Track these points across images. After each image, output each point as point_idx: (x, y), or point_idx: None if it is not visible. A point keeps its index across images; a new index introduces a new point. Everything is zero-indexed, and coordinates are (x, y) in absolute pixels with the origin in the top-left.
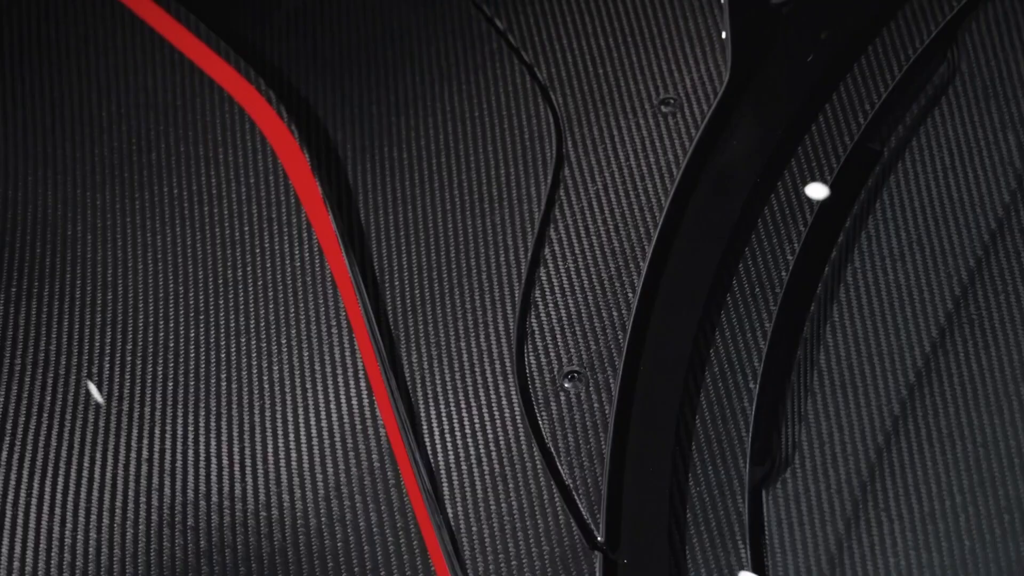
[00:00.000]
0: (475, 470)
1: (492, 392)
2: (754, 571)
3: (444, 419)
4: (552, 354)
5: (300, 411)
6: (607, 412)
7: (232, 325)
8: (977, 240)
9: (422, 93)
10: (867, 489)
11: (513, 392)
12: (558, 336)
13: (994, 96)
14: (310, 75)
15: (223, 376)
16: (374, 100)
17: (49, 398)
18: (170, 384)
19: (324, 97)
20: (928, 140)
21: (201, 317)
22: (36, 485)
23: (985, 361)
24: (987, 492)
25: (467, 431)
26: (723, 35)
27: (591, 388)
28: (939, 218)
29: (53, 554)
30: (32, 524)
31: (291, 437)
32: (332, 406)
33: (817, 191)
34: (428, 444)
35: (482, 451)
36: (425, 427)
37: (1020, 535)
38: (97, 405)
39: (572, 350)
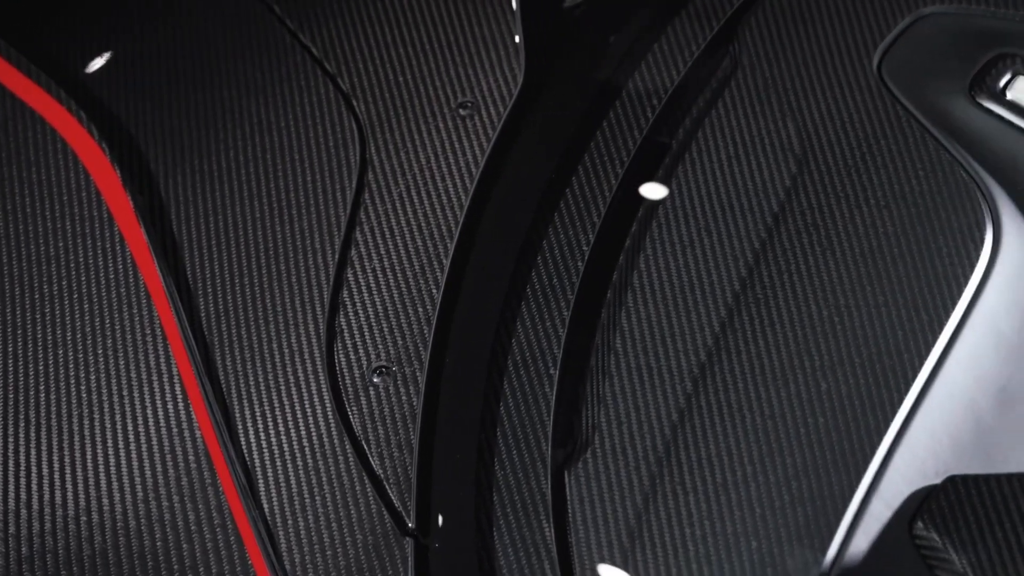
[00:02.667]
0: (289, 466)
1: (304, 390)
2: (558, 548)
3: (258, 418)
4: (361, 351)
5: (117, 417)
6: (415, 404)
7: (49, 338)
8: (761, 224)
9: (230, 106)
10: (663, 464)
11: (324, 389)
12: (366, 333)
13: (773, 87)
14: (120, 93)
15: (41, 388)
16: (183, 114)
17: None
18: None
19: (135, 114)
20: (713, 131)
21: (19, 332)
22: None
23: (771, 338)
24: (775, 461)
25: (280, 429)
26: (516, 39)
27: (399, 382)
28: (725, 204)
29: None
30: None
31: (109, 443)
32: (148, 411)
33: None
34: (243, 443)
35: (295, 447)
36: (240, 427)
37: (807, 501)
38: None
39: (380, 346)
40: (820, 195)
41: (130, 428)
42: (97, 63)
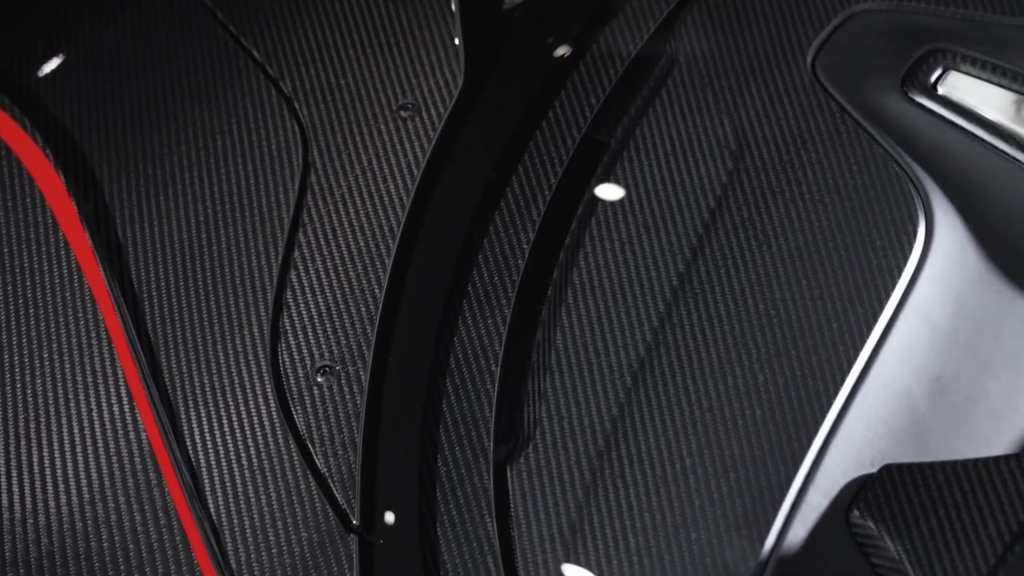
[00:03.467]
0: (234, 466)
1: (248, 390)
2: (501, 542)
3: (203, 419)
4: (304, 351)
5: (63, 420)
6: (358, 402)
7: None
8: (699, 220)
9: (174, 111)
10: (603, 458)
11: (268, 389)
12: (310, 334)
13: (710, 85)
14: (65, 99)
15: None
16: (127, 120)
17: None
18: None
19: (79, 120)
20: (651, 129)
21: None
22: None
23: (709, 332)
24: (714, 453)
25: (225, 429)
26: (456, 42)
27: (343, 381)
28: (663, 201)
29: None
30: None
31: (55, 446)
32: (94, 414)
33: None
34: (189, 444)
35: (240, 447)
36: (185, 428)
37: (745, 491)
38: None
39: (324, 346)
40: (756, 191)
41: (76, 431)
42: (41, 70)
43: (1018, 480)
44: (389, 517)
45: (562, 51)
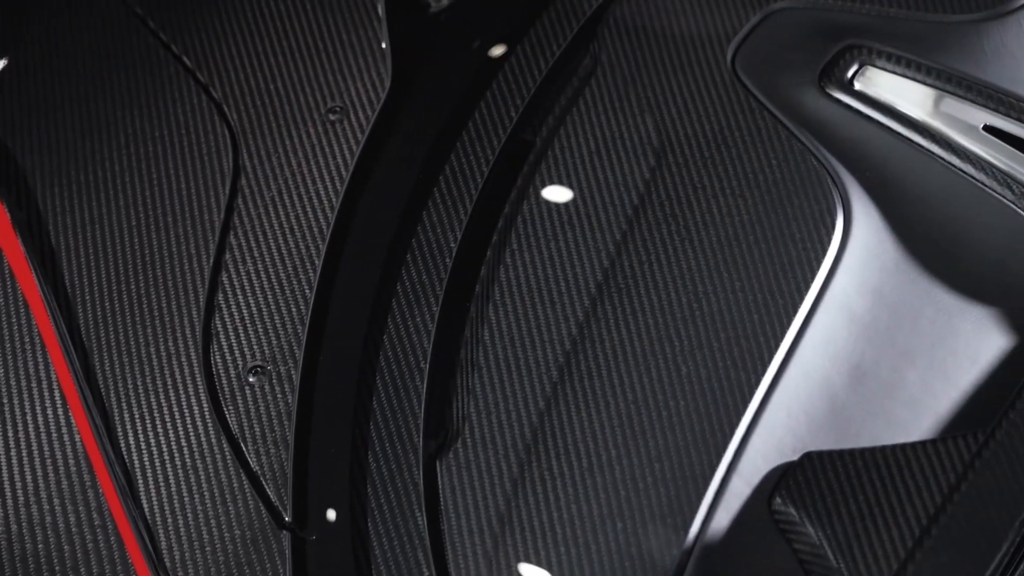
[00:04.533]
0: (168, 466)
1: (181, 392)
2: (431, 535)
3: (137, 421)
4: (236, 352)
5: None
6: (290, 401)
7: None
8: (622, 216)
9: (106, 118)
10: (531, 451)
11: (201, 390)
12: (241, 334)
13: (632, 84)
14: None
15: None
16: (60, 127)
17: None
18: None
19: (11, 127)
20: (575, 127)
21: None
22: None
23: (633, 326)
24: (639, 444)
25: (159, 430)
26: (383, 45)
27: (274, 380)
28: (587, 198)
29: None
30: None
31: None
32: (28, 417)
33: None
34: (123, 445)
35: (174, 447)
36: (119, 430)
37: (669, 481)
38: None
39: (255, 346)
40: (678, 186)
41: (10, 434)
42: None
43: (934, 464)
44: (331, 514)
45: (498, 51)
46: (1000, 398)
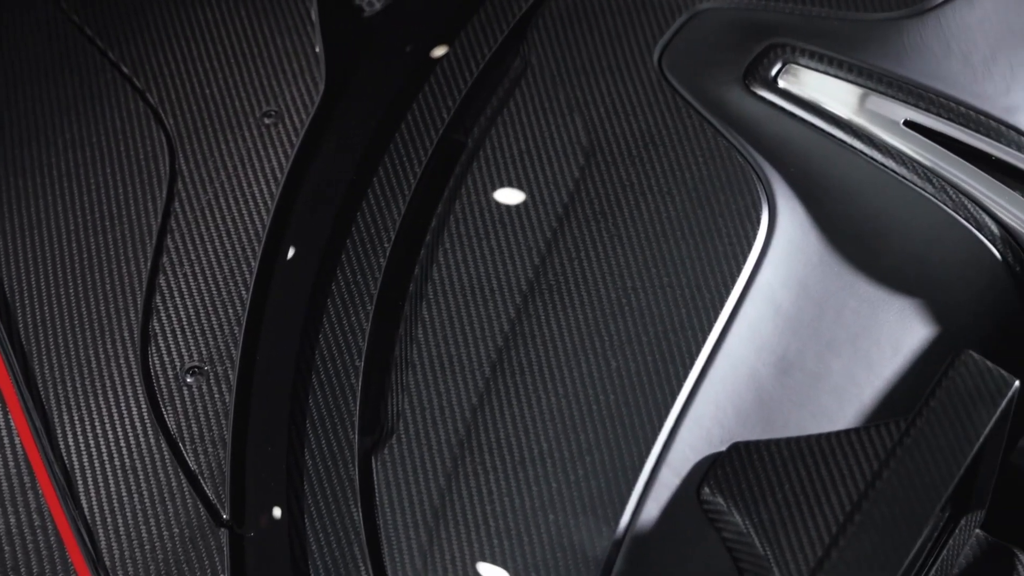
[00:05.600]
0: (107, 466)
1: (120, 393)
2: (366, 529)
3: (76, 422)
4: (174, 353)
5: None
6: (227, 401)
7: None
8: (553, 214)
9: (43, 125)
10: (464, 446)
11: (140, 391)
12: (179, 336)
13: (561, 85)
14: None
15: None
16: None
17: None
18: None
19: None
20: (506, 128)
21: None
22: None
23: (563, 321)
24: (570, 438)
25: (98, 431)
26: (317, 49)
27: (212, 380)
28: (519, 197)
29: None
30: None
31: None
32: None
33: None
34: (62, 446)
35: (113, 448)
36: (59, 431)
37: (600, 473)
38: None
39: (193, 347)
40: (607, 184)
41: None
42: None
43: (858, 452)
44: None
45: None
46: (922, 386)
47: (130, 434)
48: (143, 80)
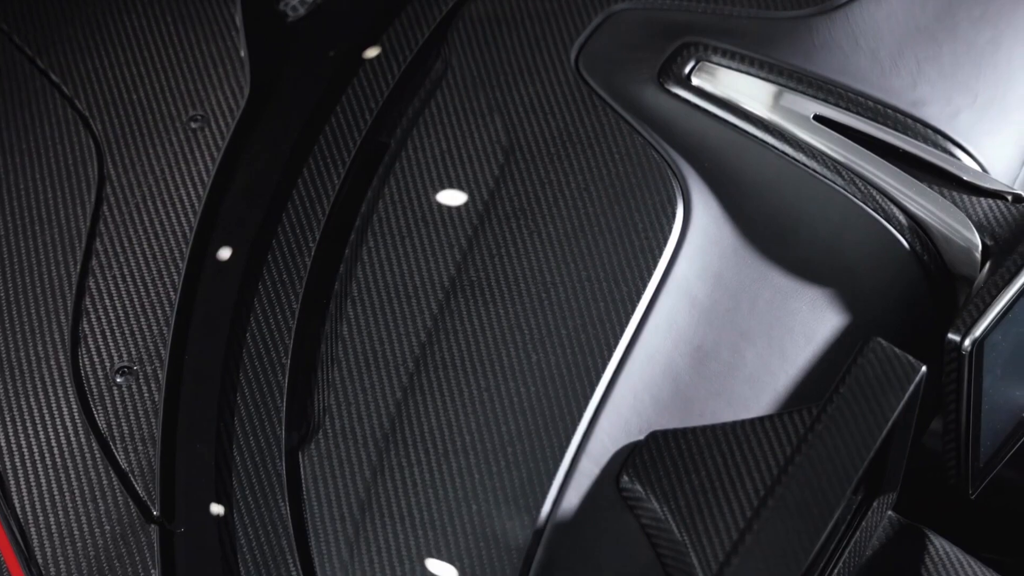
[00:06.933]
0: (39, 466)
1: (51, 394)
2: (294, 523)
3: (7, 424)
4: (104, 354)
5: None
6: (157, 399)
7: None
8: (474, 212)
9: None
10: (389, 440)
11: (71, 392)
12: (109, 337)
13: (481, 86)
14: None
15: None
16: None
17: None
18: None
19: None
20: (428, 128)
21: None
22: None
23: (484, 317)
24: (492, 430)
25: (29, 432)
26: (242, 54)
27: (141, 380)
28: (441, 195)
29: None
30: None
31: None
32: None
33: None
34: None
35: (44, 448)
36: None
37: (522, 464)
38: None
39: (122, 348)
40: (527, 182)
41: None
42: None
43: (772, 439)
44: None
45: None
46: (834, 373)
47: (61, 434)
48: (71, 87)
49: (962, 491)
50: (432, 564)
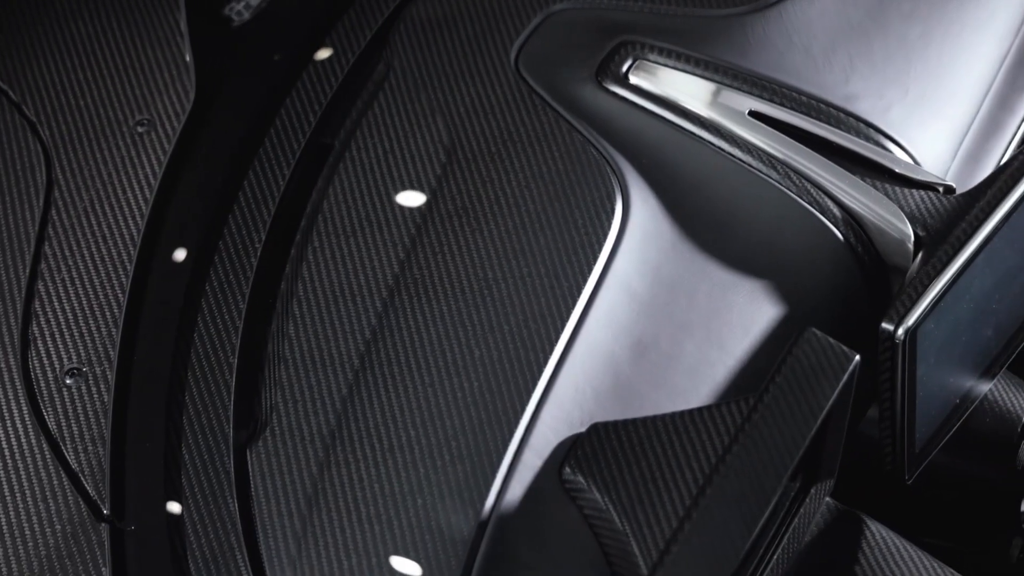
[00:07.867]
0: None
1: (1, 398)
2: (242, 519)
3: None
4: (54, 356)
5: None
6: (106, 400)
7: None
8: (416, 210)
9: None
10: (335, 436)
11: (20, 395)
12: (58, 339)
13: (424, 87)
14: None
15: None
16: None
17: None
18: None
19: None
20: (371, 129)
21: None
22: None
23: (428, 313)
24: (436, 425)
25: None
26: (187, 59)
27: (91, 381)
28: (383, 195)
29: None
30: None
31: None
32: None
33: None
34: None
35: None
36: None
37: (466, 458)
38: None
39: (72, 350)
40: (468, 181)
41: None
42: None
43: (710, 429)
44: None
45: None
46: (771, 364)
47: (11, 435)
48: (19, 93)
49: (899, 477)
50: (379, 557)
